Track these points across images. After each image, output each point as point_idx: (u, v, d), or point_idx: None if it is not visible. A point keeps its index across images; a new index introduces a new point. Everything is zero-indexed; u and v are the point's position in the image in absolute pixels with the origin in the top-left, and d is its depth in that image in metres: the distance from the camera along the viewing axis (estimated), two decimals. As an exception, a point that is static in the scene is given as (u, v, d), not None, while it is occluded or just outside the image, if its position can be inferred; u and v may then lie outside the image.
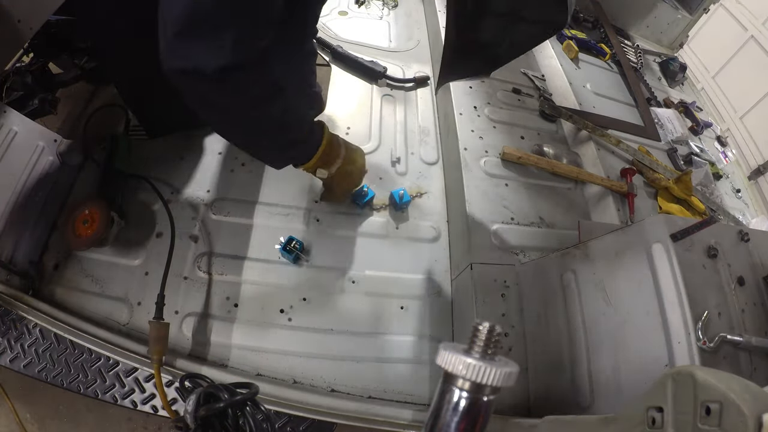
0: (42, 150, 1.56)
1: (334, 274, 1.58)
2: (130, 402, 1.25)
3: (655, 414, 0.61)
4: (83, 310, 1.44)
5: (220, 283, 1.50)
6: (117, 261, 1.52)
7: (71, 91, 1.86)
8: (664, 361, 0.94)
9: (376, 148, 1.94)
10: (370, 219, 1.72)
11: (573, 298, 1.21)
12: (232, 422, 0.99)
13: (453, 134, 1.86)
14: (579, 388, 1.13)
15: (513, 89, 2.14)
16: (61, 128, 1.78)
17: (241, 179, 1.73)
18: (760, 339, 0.94)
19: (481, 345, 0.48)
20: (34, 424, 1.61)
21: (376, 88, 2.18)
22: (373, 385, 1.41)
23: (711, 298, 0.97)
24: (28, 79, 1.58)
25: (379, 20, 2.70)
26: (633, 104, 2.48)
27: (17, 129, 1.47)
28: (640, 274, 1.03)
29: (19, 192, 1.47)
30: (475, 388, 0.46)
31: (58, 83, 1.71)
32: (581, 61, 2.54)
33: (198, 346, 1.41)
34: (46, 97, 1.61)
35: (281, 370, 1.40)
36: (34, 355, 1.30)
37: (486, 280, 1.44)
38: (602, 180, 1.79)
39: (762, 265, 1.06)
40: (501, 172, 1.76)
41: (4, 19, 1.19)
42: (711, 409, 0.52)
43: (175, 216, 1.53)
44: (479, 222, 1.59)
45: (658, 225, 1.03)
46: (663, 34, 3.22)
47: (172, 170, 1.71)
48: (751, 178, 2.77)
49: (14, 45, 1.36)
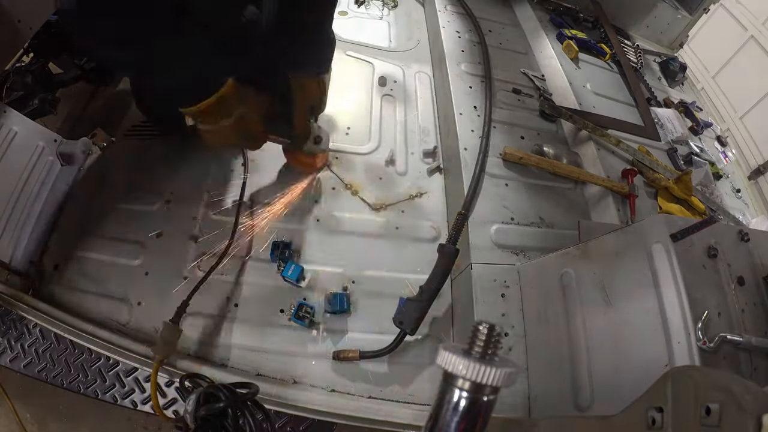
0: (42, 150, 1.56)
1: (334, 274, 1.58)
2: (130, 402, 1.25)
3: (655, 414, 0.61)
4: (83, 310, 1.44)
5: (220, 283, 1.50)
6: (117, 261, 1.52)
7: (71, 91, 1.85)
8: (664, 361, 0.94)
9: (376, 148, 1.94)
10: (370, 219, 1.72)
11: (573, 298, 1.21)
12: (232, 422, 0.99)
13: (453, 134, 1.86)
14: (579, 388, 1.13)
15: (513, 89, 2.14)
16: (61, 128, 1.78)
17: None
18: (760, 339, 0.94)
19: (481, 345, 0.48)
20: (34, 424, 1.61)
21: (376, 88, 2.18)
22: (373, 385, 1.41)
23: (711, 298, 0.97)
24: (28, 79, 1.58)
25: (379, 20, 2.70)
26: (633, 104, 2.48)
27: (17, 129, 1.47)
28: (640, 274, 1.03)
29: (19, 192, 1.47)
30: (475, 388, 0.46)
31: (58, 83, 1.71)
32: (581, 61, 2.54)
33: (198, 346, 1.41)
34: (46, 97, 1.61)
35: (281, 370, 1.40)
36: (34, 355, 1.30)
37: (486, 280, 1.44)
38: (603, 180, 1.79)
39: (762, 265, 1.06)
40: (501, 172, 1.76)
41: (4, 19, 1.19)
42: (711, 409, 0.52)
43: (175, 216, 1.53)
44: (479, 222, 1.59)
45: (658, 225, 1.03)
46: (663, 34, 3.22)
47: (172, 170, 1.71)
48: (751, 178, 2.77)
49: (14, 45, 1.36)
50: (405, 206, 1.78)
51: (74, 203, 1.64)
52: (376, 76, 2.22)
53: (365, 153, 1.91)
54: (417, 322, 1.37)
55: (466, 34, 2.39)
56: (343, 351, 1.41)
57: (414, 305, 1.39)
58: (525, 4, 2.81)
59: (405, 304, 1.40)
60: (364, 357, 1.40)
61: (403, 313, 1.38)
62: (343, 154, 1.88)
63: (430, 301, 1.40)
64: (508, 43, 2.46)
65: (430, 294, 1.40)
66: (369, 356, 1.40)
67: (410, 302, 1.40)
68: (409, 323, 1.37)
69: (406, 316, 1.38)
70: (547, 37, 2.56)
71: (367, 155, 1.90)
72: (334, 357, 1.41)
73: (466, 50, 2.28)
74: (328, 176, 1.80)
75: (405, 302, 1.40)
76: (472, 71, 2.16)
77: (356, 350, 1.40)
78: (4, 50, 1.31)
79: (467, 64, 2.18)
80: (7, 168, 1.43)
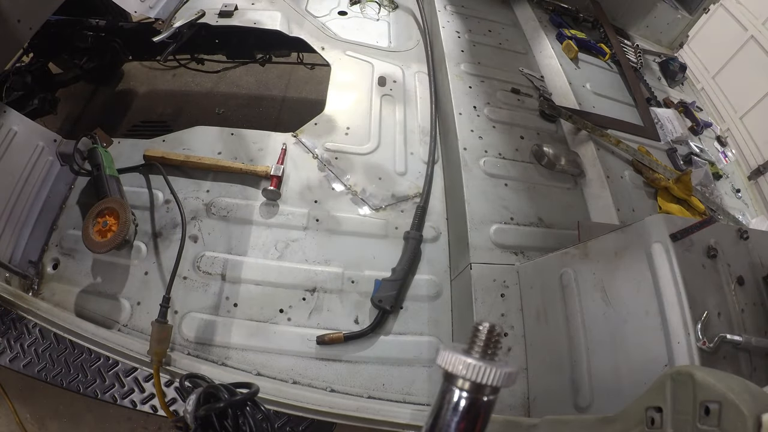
0: (42, 150, 1.56)
1: (334, 274, 1.58)
2: (129, 402, 1.25)
3: (654, 414, 0.61)
4: (83, 310, 1.44)
5: (220, 283, 1.50)
6: (117, 261, 1.52)
7: (71, 91, 1.86)
8: (663, 361, 0.94)
9: (375, 148, 1.94)
10: (370, 219, 1.72)
11: (572, 298, 1.21)
12: (232, 422, 0.99)
13: (453, 134, 1.86)
14: (579, 388, 1.13)
15: (512, 89, 2.14)
16: (61, 128, 1.78)
17: (240, 179, 1.73)
18: (759, 339, 0.94)
19: (481, 345, 0.48)
20: (34, 424, 1.61)
21: (375, 88, 2.18)
22: (373, 385, 1.41)
23: (711, 298, 0.97)
24: (28, 79, 1.59)
25: (378, 20, 2.69)
26: (633, 104, 2.48)
27: (17, 129, 1.47)
28: (640, 274, 1.03)
29: (19, 192, 1.47)
30: (475, 388, 0.46)
31: (58, 83, 1.72)
32: (581, 60, 2.54)
33: (198, 345, 1.41)
34: (46, 97, 1.62)
35: (281, 370, 1.40)
36: (34, 355, 1.30)
37: (486, 280, 1.44)
38: (242, 167, 1.72)
39: (762, 265, 1.06)
40: (501, 172, 1.76)
41: (4, 19, 1.19)
42: (710, 409, 0.52)
43: (175, 216, 1.53)
44: (479, 222, 1.59)
45: (657, 225, 1.03)
46: (663, 34, 3.22)
47: (172, 171, 1.71)
48: (751, 178, 2.77)
49: (14, 45, 1.36)
50: (405, 206, 1.78)
51: (74, 203, 1.64)
52: (376, 76, 2.22)
53: (365, 153, 1.91)
54: (394, 299, 1.50)
55: (466, 34, 2.39)
56: (327, 335, 1.44)
57: (390, 284, 1.53)
58: (525, 4, 2.81)
59: (381, 284, 1.53)
60: (348, 338, 1.44)
61: (380, 292, 1.51)
62: (343, 154, 1.88)
63: (404, 279, 1.56)
64: (507, 43, 2.46)
65: (404, 273, 1.56)
66: (353, 336, 1.44)
67: (386, 282, 1.54)
68: (388, 300, 1.50)
69: (383, 294, 1.51)
70: (547, 37, 2.56)
71: (367, 155, 1.91)
72: (318, 341, 1.43)
73: (466, 50, 2.28)
74: (328, 176, 1.80)
75: (381, 283, 1.54)
76: (472, 71, 2.16)
77: (340, 332, 1.44)
78: (4, 50, 1.31)
79: (467, 64, 2.19)
80: (6, 168, 1.43)
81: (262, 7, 2.29)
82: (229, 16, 2.16)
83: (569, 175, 1.84)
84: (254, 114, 2.93)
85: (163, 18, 2.09)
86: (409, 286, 1.59)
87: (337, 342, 1.43)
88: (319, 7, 2.58)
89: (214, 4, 2.18)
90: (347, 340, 1.44)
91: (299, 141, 1.88)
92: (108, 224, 1.42)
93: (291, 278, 1.55)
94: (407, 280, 1.58)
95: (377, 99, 2.13)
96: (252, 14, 2.22)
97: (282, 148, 1.83)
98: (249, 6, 2.26)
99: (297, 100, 3.09)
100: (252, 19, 2.20)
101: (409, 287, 1.59)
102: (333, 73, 2.19)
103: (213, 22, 2.13)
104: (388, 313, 1.51)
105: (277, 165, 1.75)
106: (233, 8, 2.18)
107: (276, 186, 1.70)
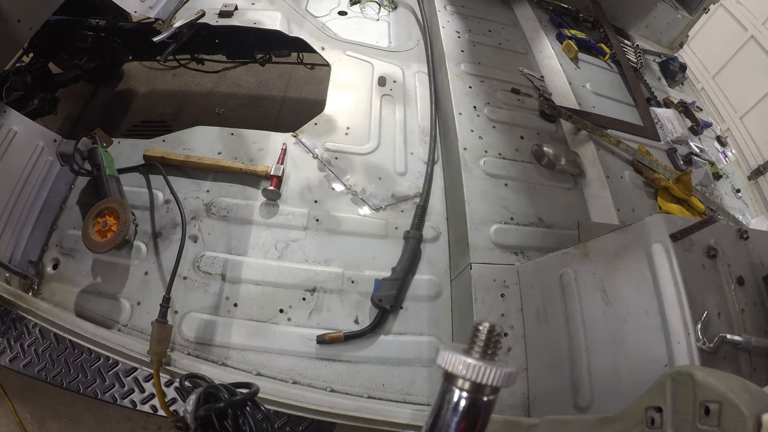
0: (42, 150, 1.56)
1: (334, 274, 1.58)
2: (129, 402, 1.25)
3: (654, 414, 0.61)
4: (83, 310, 1.44)
5: (220, 283, 1.50)
6: (117, 261, 1.52)
7: (71, 91, 1.86)
8: (663, 361, 0.94)
9: (375, 148, 1.94)
10: (370, 219, 1.72)
11: (572, 298, 1.21)
12: (232, 422, 0.99)
13: (453, 134, 1.86)
14: (579, 388, 1.13)
15: (512, 89, 2.14)
16: (61, 128, 1.78)
17: (240, 179, 1.73)
18: (759, 339, 0.94)
19: (481, 345, 0.48)
20: (34, 424, 1.61)
21: (376, 88, 2.18)
22: (373, 385, 1.41)
23: (711, 298, 0.97)
24: (28, 79, 1.59)
25: (378, 20, 2.69)
26: (633, 104, 2.48)
27: (17, 129, 1.47)
28: (640, 274, 1.03)
29: (19, 192, 1.47)
30: (475, 388, 0.46)
31: (58, 83, 1.72)
32: (581, 60, 2.54)
33: (198, 345, 1.41)
34: (46, 97, 1.62)
35: (281, 370, 1.40)
36: (34, 355, 1.30)
37: (485, 280, 1.44)
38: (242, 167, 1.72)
39: (762, 265, 1.06)
40: (501, 172, 1.76)
41: (4, 19, 1.19)
42: (710, 409, 0.52)
43: (175, 216, 1.53)
44: (479, 222, 1.59)
45: (657, 225, 1.03)
46: (663, 34, 3.22)
47: (172, 171, 1.71)
48: (751, 178, 2.77)
49: (14, 45, 1.36)
50: (405, 206, 1.78)
51: (74, 203, 1.64)
52: (376, 76, 2.22)
53: (365, 153, 1.91)
54: (394, 298, 1.50)
55: (466, 34, 2.39)
56: (327, 334, 1.44)
57: (390, 284, 1.54)
58: (525, 4, 2.81)
59: (381, 284, 1.53)
60: (348, 338, 1.44)
61: (380, 291, 1.51)
62: (343, 154, 1.88)
63: (404, 279, 1.56)
64: (507, 43, 2.46)
65: (403, 272, 1.56)
66: (353, 336, 1.44)
67: (386, 281, 1.54)
68: (388, 300, 1.49)
69: (383, 293, 1.51)
70: (547, 37, 2.56)
71: (367, 155, 1.91)
72: (318, 341, 1.43)
73: (466, 50, 2.28)
74: (328, 176, 1.80)
75: (381, 282, 1.54)
76: (472, 71, 2.16)
77: (340, 332, 1.44)
78: (4, 50, 1.31)
79: (467, 64, 2.19)
80: (6, 168, 1.43)
81: (262, 7, 2.29)
82: (229, 16, 2.16)
83: (569, 175, 1.84)
84: (254, 114, 2.93)
85: (163, 18, 2.09)
86: (409, 286, 1.58)
87: (337, 341, 1.43)
88: (319, 7, 2.58)
89: (214, 4, 2.18)
90: (347, 340, 1.44)
91: (299, 141, 1.88)
92: (108, 224, 1.42)
93: (291, 278, 1.55)
94: (407, 280, 1.57)
95: (377, 99, 2.13)
96: (252, 14, 2.22)
97: (282, 148, 1.83)
98: (249, 6, 2.26)
99: (297, 100, 3.09)
100: (252, 19, 2.20)
101: (409, 287, 1.59)
102: (333, 73, 2.19)
103: (213, 22, 2.13)
104: (388, 313, 1.50)
105: (277, 165, 1.75)
106: (233, 8, 2.18)
107: (276, 186, 1.70)
